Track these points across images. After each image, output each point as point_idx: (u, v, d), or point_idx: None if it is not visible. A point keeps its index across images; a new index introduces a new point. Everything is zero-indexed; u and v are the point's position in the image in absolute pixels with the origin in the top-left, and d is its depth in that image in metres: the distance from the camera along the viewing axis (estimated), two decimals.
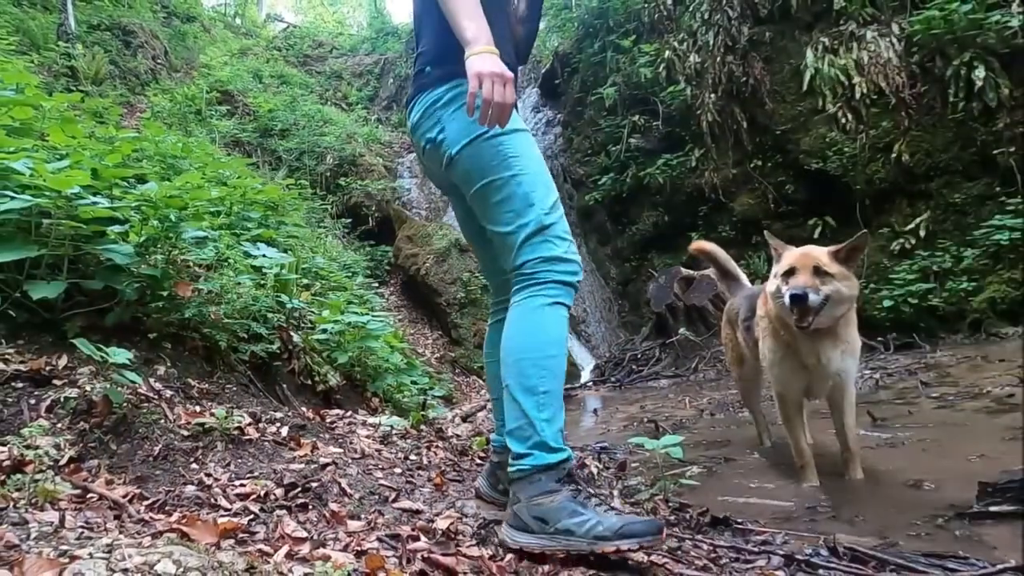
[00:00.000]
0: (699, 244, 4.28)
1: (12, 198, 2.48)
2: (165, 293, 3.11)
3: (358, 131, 16.52)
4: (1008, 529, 2.36)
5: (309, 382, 4.09)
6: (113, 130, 5.71)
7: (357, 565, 1.60)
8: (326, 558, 1.61)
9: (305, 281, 5.90)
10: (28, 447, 1.93)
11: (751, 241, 10.16)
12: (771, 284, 2.99)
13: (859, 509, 2.84)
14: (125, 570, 1.30)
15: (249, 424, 2.57)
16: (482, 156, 2.23)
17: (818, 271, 2.83)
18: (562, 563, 1.88)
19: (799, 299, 2.73)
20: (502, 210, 2.23)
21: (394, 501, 2.20)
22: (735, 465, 3.83)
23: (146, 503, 1.88)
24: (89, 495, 1.81)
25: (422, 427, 3.76)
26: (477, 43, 2.10)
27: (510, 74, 2.08)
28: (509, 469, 2.10)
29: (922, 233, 8.09)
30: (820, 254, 2.87)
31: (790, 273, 2.86)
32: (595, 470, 3.66)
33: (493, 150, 2.22)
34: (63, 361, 2.48)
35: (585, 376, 9.85)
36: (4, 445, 1.94)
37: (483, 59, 2.07)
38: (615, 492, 3.26)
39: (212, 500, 1.95)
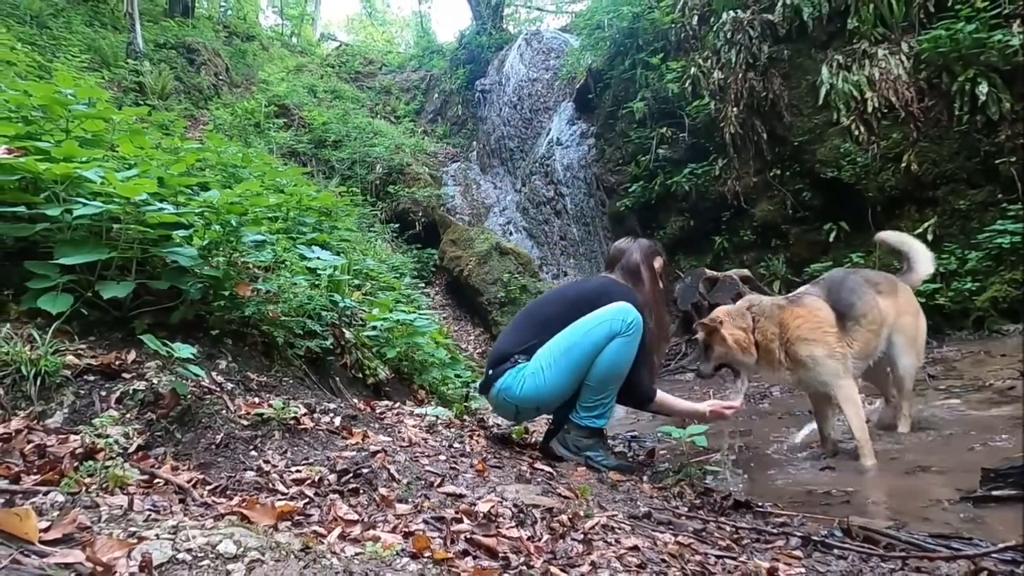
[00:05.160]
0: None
1: (85, 204, 2.51)
2: (226, 293, 3.13)
3: (405, 142, 16.63)
4: (1010, 512, 2.38)
5: (360, 375, 4.10)
6: (178, 141, 5.78)
7: (405, 545, 1.59)
8: (376, 539, 1.60)
9: (356, 282, 5.92)
10: (99, 436, 1.96)
11: (770, 244, 10.31)
12: None
13: (871, 493, 2.88)
14: (189, 550, 1.31)
15: (304, 414, 2.57)
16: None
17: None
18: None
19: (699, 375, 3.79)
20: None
21: (439, 486, 2.19)
22: (756, 453, 3.84)
23: (209, 488, 1.90)
24: (156, 480, 1.83)
25: (465, 417, 3.76)
26: (700, 407, 3.51)
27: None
28: (575, 420, 3.34)
29: (929, 237, 8.03)
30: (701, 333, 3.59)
31: None
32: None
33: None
34: (131, 356, 2.51)
35: None
36: (77, 434, 1.97)
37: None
38: (644, 477, 3.25)
39: (270, 485, 1.96)
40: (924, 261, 3.88)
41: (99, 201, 2.56)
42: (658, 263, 3.77)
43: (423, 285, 11.92)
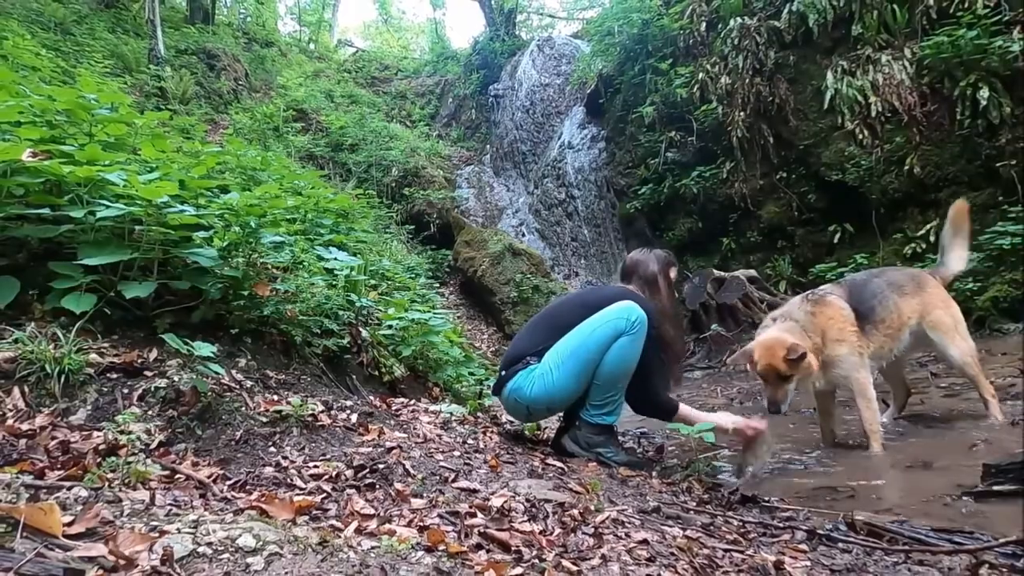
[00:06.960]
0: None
1: (108, 206, 2.52)
2: (246, 293, 3.13)
3: (421, 146, 16.67)
4: (1010, 507, 2.38)
5: (376, 373, 4.10)
6: (199, 145, 5.81)
7: (420, 539, 1.59)
8: (392, 533, 1.60)
9: (372, 282, 5.92)
10: (122, 432, 1.96)
11: (776, 246, 10.45)
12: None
13: (874, 489, 2.86)
14: (210, 543, 1.31)
15: (322, 411, 2.58)
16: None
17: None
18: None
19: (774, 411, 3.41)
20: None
21: (453, 481, 2.18)
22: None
23: (228, 483, 1.90)
24: (177, 476, 1.83)
25: (479, 414, 3.75)
26: (724, 423, 3.31)
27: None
28: (586, 418, 3.33)
29: (932, 238, 8.12)
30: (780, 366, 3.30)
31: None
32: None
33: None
34: (153, 354, 2.51)
35: None
36: (100, 430, 1.97)
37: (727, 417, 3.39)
38: (654, 472, 3.23)
39: (288, 480, 1.96)
40: (955, 259, 3.86)
41: (122, 203, 2.57)
42: (673, 273, 3.78)
43: (438, 285, 11.95)
